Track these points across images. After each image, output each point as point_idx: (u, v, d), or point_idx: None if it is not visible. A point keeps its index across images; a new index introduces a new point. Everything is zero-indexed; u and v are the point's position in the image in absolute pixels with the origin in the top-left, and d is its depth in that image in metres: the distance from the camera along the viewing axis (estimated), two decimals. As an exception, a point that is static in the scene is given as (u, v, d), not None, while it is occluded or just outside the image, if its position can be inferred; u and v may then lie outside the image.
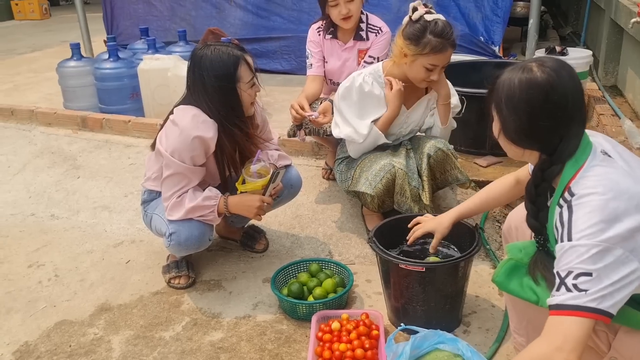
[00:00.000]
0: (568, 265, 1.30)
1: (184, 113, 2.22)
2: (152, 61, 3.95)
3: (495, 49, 4.51)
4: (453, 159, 2.48)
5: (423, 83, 2.41)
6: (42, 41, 8.04)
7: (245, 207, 2.29)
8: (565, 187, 1.38)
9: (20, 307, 2.40)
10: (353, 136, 2.49)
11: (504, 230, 1.86)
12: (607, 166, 1.38)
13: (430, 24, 2.28)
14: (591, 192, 1.32)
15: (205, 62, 2.17)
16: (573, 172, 1.38)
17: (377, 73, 2.49)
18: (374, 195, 2.42)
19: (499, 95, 1.45)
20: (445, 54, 2.31)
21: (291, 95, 4.14)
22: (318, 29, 2.95)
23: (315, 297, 2.22)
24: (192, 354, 2.06)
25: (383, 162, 2.45)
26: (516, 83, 1.41)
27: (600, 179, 1.34)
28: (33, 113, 4.21)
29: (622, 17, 3.85)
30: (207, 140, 2.20)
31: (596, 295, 1.26)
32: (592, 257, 1.27)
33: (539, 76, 1.39)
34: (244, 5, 5.45)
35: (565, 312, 1.28)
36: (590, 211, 1.30)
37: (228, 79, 2.18)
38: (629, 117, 3.60)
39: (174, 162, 2.19)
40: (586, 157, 1.39)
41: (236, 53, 2.20)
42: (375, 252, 2.06)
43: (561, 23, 6.72)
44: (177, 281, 2.46)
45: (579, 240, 1.30)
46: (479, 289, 2.31)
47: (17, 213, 3.22)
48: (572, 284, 1.28)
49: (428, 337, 1.77)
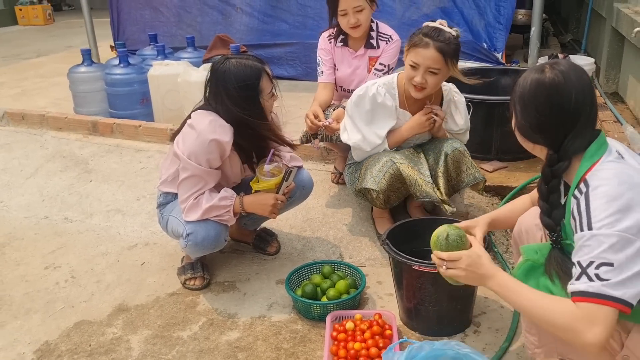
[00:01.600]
0: (590, 254, 1.37)
1: (202, 117, 2.29)
2: (161, 67, 4.01)
3: (498, 55, 4.58)
4: (469, 158, 2.55)
5: (412, 89, 2.43)
6: (47, 46, 8.10)
7: (260, 205, 2.36)
8: (581, 179, 1.46)
9: (39, 308, 2.45)
10: (361, 144, 2.56)
11: (515, 234, 1.93)
12: (621, 163, 1.47)
13: (429, 27, 2.37)
14: (607, 183, 1.41)
15: (229, 75, 2.24)
16: (589, 165, 1.47)
17: (391, 85, 2.55)
18: (378, 190, 2.48)
19: (515, 92, 1.57)
20: (426, 52, 2.31)
21: (297, 101, 4.21)
22: (329, 37, 3.02)
23: (328, 298, 2.28)
24: (210, 353, 2.12)
25: (384, 159, 2.52)
26: (528, 82, 1.53)
27: (616, 172, 1.43)
28: (44, 118, 4.27)
29: (623, 26, 3.93)
30: (224, 143, 2.27)
31: (618, 285, 1.33)
32: (612, 247, 1.34)
33: (547, 77, 1.50)
34: (250, 12, 5.52)
35: (589, 299, 1.35)
36: (607, 201, 1.38)
37: (252, 91, 2.26)
38: (631, 123, 3.68)
39: (191, 165, 2.26)
40: (602, 153, 1.49)
41: (258, 66, 2.29)
42: (388, 253, 2.12)
43: (561, 30, 6.81)
44: (193, 282, 2.52)
45: (599, 230, 1.37)
46: (487, 291, 2.34)
47: (31, 216, 3.27)
48: (594, 274, 1.35)
49: (424, 348, 1.76)
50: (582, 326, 1.36)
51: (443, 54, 2.31)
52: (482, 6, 4.69)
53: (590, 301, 1.36)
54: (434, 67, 2.34)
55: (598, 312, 1.35)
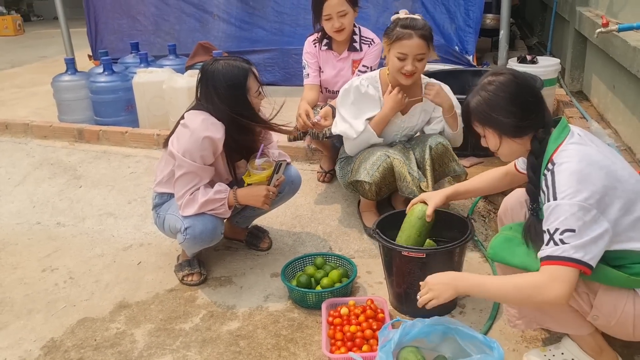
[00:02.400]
0: (555, 222, 1.60)
1: (195, 117, 2.41)
2: (146, 74, 4.11)
3: (470, 58, 4.79)
4: (452, 152, 2.72)
5: (403, 78, 2.60)
6: (20, 57, 8.07)
7: (253, 196, 2.49)
8: (549, 160, 1.70)
9: (40, 308, 2.53)
10: (347, 132, 2.70)
11: (500, 213, 2.12)
12: (582, 144, 1.70)
13: (401, 19, 2.56)
14: (569, 160, 1.65)
15: (218, 76, 2.37)
16: (555, 147, 1.71)
17: (374, 79, 2.73)
18: (371, 182, 2.63)
19: (482, 112, 1.77)
20: (411, 42, 2.51)
21: (277, 105, 4.33)
22: (314, 41, 3.17)
23: (322, 286, 2.41)
24: (212, 342, 2.23)
25: (379, 153, 2.67)
26: (491, 94, 1.75)
27: (577, 152, 1.67)
28: (28, 127, 4.31)
29: (585, 28, 4.17)
30: (216, 140, 2.39)
31: (578, 248, 1.56)
32: (574, 215, 1.58)
33: (502, 78, 1.76)
34: (227, 19, 5.63)
35: (555, 262, 1.58)
36: (569, 174, 1.62)
37: (239, 89, 2.38)
38: (595, 119, 3.91)
39: (186, 162, 2.37)
40: (565, 135, 1.72)
41: (245, 66, 2.42)
42: (379, 242, 2.27)
43: (527, 34, 7.09)
44: (190, 278, 2.62)
45: (563, 200, 1.60)
46: (470, 275, 2.53)
47: (23, 222, 3.33)
48: (559, 239, 1.59)
49: (416, 325, 1.90)
50: (545, 285, 1.59)
51: (426, 39, 2.53)
52: (453, 11, 4.90)
53: (554, 264, 1.59)
54: (421, 53, 2.54)
55: (559, 272, 1.58)
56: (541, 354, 1.93)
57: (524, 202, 2.03)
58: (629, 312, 1.69)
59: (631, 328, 1.71)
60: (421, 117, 2.80)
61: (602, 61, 4.00)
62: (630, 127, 3.35)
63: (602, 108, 4.05)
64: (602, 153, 1.70)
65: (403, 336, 1.87)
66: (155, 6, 5.79)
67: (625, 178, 1.67)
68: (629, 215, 1.64)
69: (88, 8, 5.95)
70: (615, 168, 1.67)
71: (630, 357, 1.97)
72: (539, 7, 6.83)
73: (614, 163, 1.69)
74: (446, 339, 1.91)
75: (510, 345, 2.10)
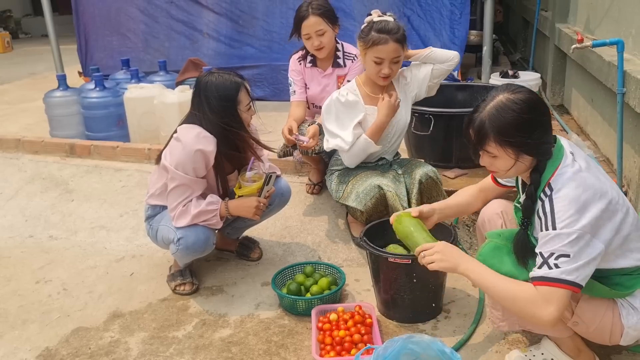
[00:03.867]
0: (551, 248, 1.65)
1: (187, 131, 2.49)
2: (137, 90, 4.18)
3: (455, 73, 4.92)
4: (440, 186, 2.82)
5: (380, 80, 2.70)
6: (9, 74, 8.09)
7: (244, 207, 2.56)
8: (546, 184, 1.73)
9: (35, 318, 2.57)
10: (340, 145, 2.77)
11: (479, 223, 2.19)
12: (576, 166, 1.73)
13: (375, 23, 2.65)
14: (567, 186, 1.68)
15: (210, 87, 2.46)
16: (552, 170, 1.73)
17: (352, 87, 2.82)
18: (363, 211, 2.71)
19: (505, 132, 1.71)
20: (387, 46, 2.60)
21: (266, 120, 4.36)
22: (299, 58, 3.27)
23: (312, 294, 2.48)
24: (205, 349, 2.29)
25: (373, 183, 2.72)
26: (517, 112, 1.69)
27: (573, 176, 1.70)
28: (20, 142, 4.36)
29: (564, 44, 4.32)
30: (208, 153, 2.46)
31: (572, 271, 1.62)
32: (570, 243, 1.63)
33: (523, 96, 1.72)
34: (217, 37, 5.72)
35: (547, 283, 1.64)
36: (568, 203, 1.66)
37: (230, 101, 2.46)
38: (575, 131, 4.04)
39: (179, 175, 2.44)
40: (561, 158, 1.75)
41: (237, 80, 2.51)
42: (366, 250, 2.35)
43: (511, 50, 7.27)
44: (183, 288, 2.68)
45: (562, 230, 1.65)
46: (455, 282, 2.62)
47: (15, 235, 3.37)
48: (553, 263, 1.64)
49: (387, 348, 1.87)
50: (539, 305, 1.64)
51: (400, 42, 2.63)
52: (438, 29, 5.04)
53: (548, 285, 1.64)
54: (396, 56, 2.65)
55: (554, 294, 1.63)
56: (522, 355, 2.01)
57: (500, 213, 2.09)
58: (608, 320, 1.78)
59: (608, 335, 1.80)
60: (404, 108, 2.85)
61: (580, 76, 4.15)
62: (607, 138, 3.48)
63: (582, 121, 4.19)
64: (593, 174, 1.73)
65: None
66: (145, 24, 5.87)
67: (615, 199, 1.71)
68: (618, 234, 1.71)
69: (78, 25, 6.02)
70: (606, 189, 1.70)
71: (607, 356, 2.06)
72: (521, 24, 7.02)
73: (603, 183, 1.72)
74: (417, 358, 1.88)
75: (494, 347, 2.18)
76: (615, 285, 1.76)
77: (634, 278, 1.75)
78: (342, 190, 2.82)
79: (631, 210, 1.76)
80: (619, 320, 1.76)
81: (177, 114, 3.79)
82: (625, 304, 1.77)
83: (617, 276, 1.76)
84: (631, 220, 1.74)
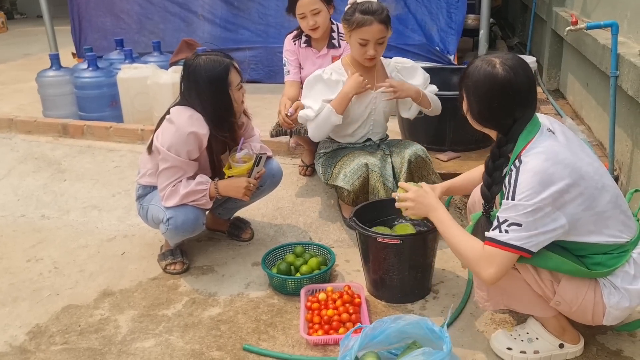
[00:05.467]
0: (507, 215, 1.70)
1: (180, 113, 2.47)
2: (130, 70, 4.16)
3: (451, 57, 4.89)
4: (430, 165, 2.81)
5: (366, 61, 2.70)
6: (4, 54, 8.03)
7: (233, 188, 2.56)
8: (517, 156, 1.74)
9: (26, 296, 2.57)
10: (307, 113, 2.75)
11: (469, 204, 2.21)
12: (550, 140, 1.74)
13: (359, 4, 2.64)
14: (535, 158, 1.69)
15: (199, 71, 2.44)
16: (524, 143, 1.75)
17: (337, 67, 2.82)
18: (350, 190, 2.71)
19: (468, 81, 1.80)
20: (371, 28, 2.60)
21: (261, 102, 4.40)
22: (293, 38, 3.25)
23: (301, 274, 2.49)
24: (194, 327, 2.30)
25: (360, 162, 2.72)
26: (482, 76, 1.75)
27: (544, 149, 1.71)
28: (12, 122, 4.34)
29: (561, 28, 4.30)
30: (201, 135, 2.45)
31: (521, 239, 1.68)
32: (525, 214, 1.67)
33: (500, 73, 1.73)
34: (212, 19, 5.67)
35: (495, 245, 1.71)
36: (532, 175, 1.67)
37: (221, 83, 2.45)
38: (570, 116, 4.04)
39: (170, 156, 2.43)
40: (535, 132, 1.76)
41: (226, 61, 2.48)
42: (355, 230, 2.35)
43: (508, 34, 7.23)
44: (173, 267, 2.69)
45: (519, 201, 1.68)
46: (445, 263, 2.63)
47: (7, 215, 3.37)
48: (504, 229, 1.70)
49: (375, 328, 1.87)
50: (482, 265, 1.74)
51: (384, 23, 2.62)
52: (435, 13, 5.00)
53: (494, 246, 1.71)
54: (381, 37, 2.64)
55: (496, 256, 1.71)
56: (507, 334, 2.02)
57: None
58: (589, 300, 1.79)
59: (590, 314, 1.82)
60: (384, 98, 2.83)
61: (576, 60, 4.13)
62: (601, 123, 3.47)
63: (577, 105, 4.18)
64: (570, 149, 1.74)
65: (364, 342, 1.86)
66: (140, 5, 5.81)
67: (590, 175, 1.71)
68: (589, 211, 1.71)
69: (72, 6, 5.96)
70: (580, 165, 1.71)
71: (592, 336, 2.07)
72: (519, 8, 6.98)
73: (580, 159, 1.73)
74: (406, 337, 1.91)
75: (481, 327, 2.19)
76: (596, 265, 1.77)
77: (615, 257, 1.75)
78: (330, 172, 2.82)
79: (610, 188, 1.77)
80: (600, 299, 1.77)
81: (170, 94, 3.78)
82: (607, 283, 1.77)
83: (598, 255, 1.77)
84: (609, 198, 1.74)
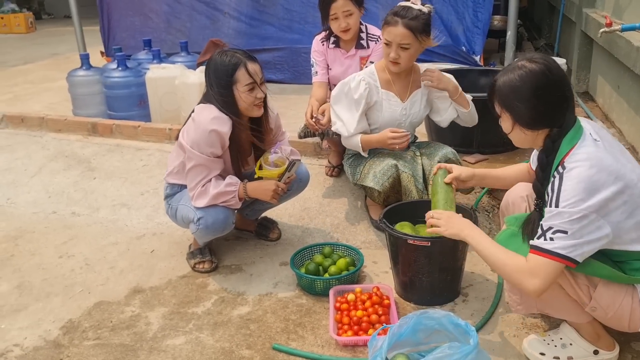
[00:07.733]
0: (551, 223, 1.67)
1: (202, 111, 2.49)
2: (159, 70, 4.20)
3: (477, 58, 4.86)
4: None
5: (390, 65, 2.67)
6: (33, 54, 8.18)
7: (262, 190, 2.56)
8: (560, 162, 1.72)
9: (58, 292, 2.62)
10: (341, 130, 2.78)
11: (502, 206, 2.18)
12: (594, 146, 1.71)
13: (399, 6, 2.61)
14: (580, 165, 1.66)
15: (212, 66, 2.46)
16: (568, 149, 1.72)
17: (370, 72, 2.80)
18: (380, 191, 2.71)
19: (504, 95, 1.76)
20: (395, 29, 2.56)
21: (286, 102, 4.42)
22: (322, 39, 3.26)
23: (330, 274, 2.49)
24: (224, 325, 2.31)
25: (390, 163, 2.71)
26: (517, 79, 1.73)
27: (589, 156, 1.68)
28: (43, 120, 4.42)
29: (591, 29, 4.24)
30: (222, 134, 2.45)
31: (566, 247, 1.64)
32: (571, 221, 1.64)
33: (535, 67, 1.72)
34: (237, 16, 5.71)
35: (541, 254, 1.67)
36: (577, 182, 1.64)
37: (225, 79, 2.44)
38: (600, 119, 3.98)
39: (195, 154, 2.45)
40: (579, 137, 1.73)
41: (237, 58, 2.44)
42: (385, 231, 2.35)
43: (535, 36, 7.16)
44: (202, 266, 2.71)
45: (564, 208, 1.64)
46: (474, 266, 2.61)
47: (39, 211, 3.43)
48: (549, 237, 1.67)
49: (402, 325, 1.88)
50: (525, 275, 1.70)
51: (411, 29, 2.55)
52: (461, 12, 4.97)
53: (539, 254, 1.68)
54: (404, 43, 2.58)
55: (542, 265, 1.67)
56: (540, 339, 2.01)
57: (525, 197, 2.08)
58: (627, 306, 1.76)
59: (627, 321, 1.78)
60: (423, 102, 2.85)
61: (607, 62, 4.07)
62: (633, 126, 3.42)
63: (606, 108, 4.12)
64: (614, 155, 1.71)
65: (392, 340, 1.86)
66: (167, 4, 5.89)
67: (634, 182, 1.69)
68: (632, 219, 1.69)
69: (101, 5, 6.07)
70: (625, 171, 1.68)
71: (627, 343, 2.04)
72: (547, 9, 6.90)
73: (623, 165, 1.70)
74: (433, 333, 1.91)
75: (512, 331, 2.17)
76: (634, 271, 1.74)
77: None
78: (359, 172, 2.82)
79: None
80: (638, 305, 1.74)
81: (197, 94, 3.79)
82: None
83: (637, 261, 1.74)
84: None
